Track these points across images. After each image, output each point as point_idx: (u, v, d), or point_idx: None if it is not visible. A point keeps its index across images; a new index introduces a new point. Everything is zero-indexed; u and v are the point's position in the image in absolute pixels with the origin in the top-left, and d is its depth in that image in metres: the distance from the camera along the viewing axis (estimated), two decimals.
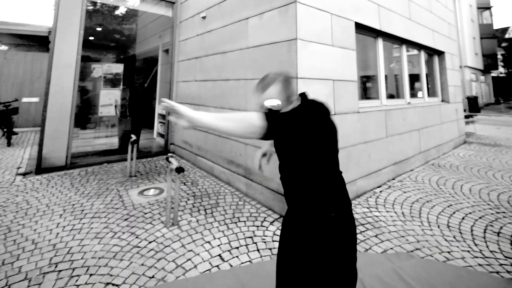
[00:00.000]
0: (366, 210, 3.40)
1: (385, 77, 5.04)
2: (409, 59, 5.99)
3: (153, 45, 8.12)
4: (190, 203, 3.54)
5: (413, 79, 6.18)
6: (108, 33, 9.10)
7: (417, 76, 6.35)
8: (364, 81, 5.11)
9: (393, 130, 4.64)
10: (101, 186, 4.08)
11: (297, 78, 3.18)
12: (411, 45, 5.91)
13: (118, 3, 7.29)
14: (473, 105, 17.42)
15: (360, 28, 4.40)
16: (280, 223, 3.02)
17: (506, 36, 30.18)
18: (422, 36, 5.96)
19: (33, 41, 11.48)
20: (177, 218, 3.01)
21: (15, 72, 8.94)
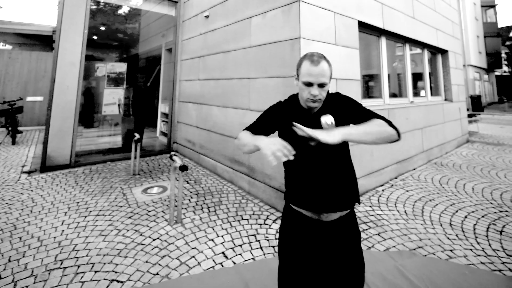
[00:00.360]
0: (368, 208, 3.40)
1: (388, 76, 5.03)
2: (412, 58, 5.97)
3: (156, 44, 8.14)
4: (193, 201, 3.56)
5: (416, 78, 6.14)
6: (112, 33, 9.14)
7: (420, 75, 6.32)
8: (367, 80, 5.10)
9: None
10: (105, 184, 4.11)
11: None
12: (414, 43, 5.88)
13: (121, 2, 7.32)
14: (476, 104, 17.34)
15: (363, 27, 4.39)
16: None
17: (510, 34, 29.86)
18: (426, 35, 5.93)
19: (38, 41, 11.58)
20: (181, 216, 3.03)
21: (19, 71, 9.01)
